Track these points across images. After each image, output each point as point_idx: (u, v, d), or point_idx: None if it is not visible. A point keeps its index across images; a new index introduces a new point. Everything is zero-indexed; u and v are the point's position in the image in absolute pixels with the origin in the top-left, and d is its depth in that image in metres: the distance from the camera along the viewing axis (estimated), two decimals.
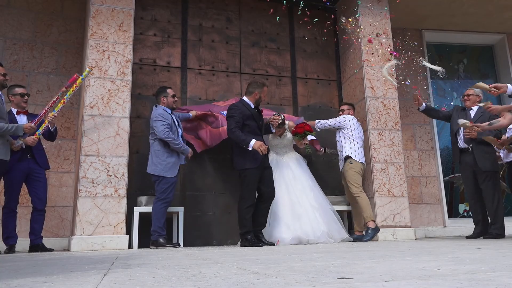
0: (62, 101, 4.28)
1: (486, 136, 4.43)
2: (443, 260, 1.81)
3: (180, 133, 4.45)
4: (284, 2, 4.87)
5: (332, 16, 5.89)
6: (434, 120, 6.69)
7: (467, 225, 5.89)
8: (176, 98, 4.56)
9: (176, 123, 4.43)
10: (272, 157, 4.83)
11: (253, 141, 4.12)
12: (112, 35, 4.66)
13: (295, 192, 4.63)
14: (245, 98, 4.41)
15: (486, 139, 4.43)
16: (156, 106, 4.44)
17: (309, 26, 5.62)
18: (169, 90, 4.49)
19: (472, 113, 4.80)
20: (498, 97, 6.89)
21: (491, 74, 7.37)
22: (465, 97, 4.96)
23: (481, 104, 4.35)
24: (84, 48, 4.74)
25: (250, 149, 4.12)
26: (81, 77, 4.31)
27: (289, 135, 4.94)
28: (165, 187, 4.22)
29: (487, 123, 4.24)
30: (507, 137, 4.62)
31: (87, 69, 4.32)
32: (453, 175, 6.65)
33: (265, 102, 5.23)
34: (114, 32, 4.68)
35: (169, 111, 4.40)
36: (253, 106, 4.35)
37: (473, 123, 4.47)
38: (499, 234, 4.45)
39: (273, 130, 4.68)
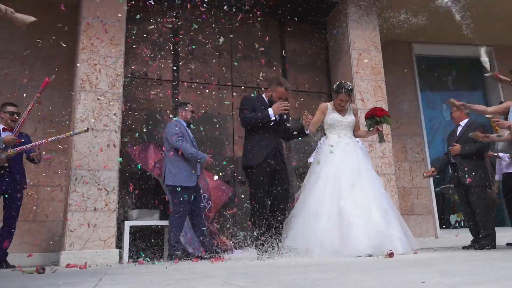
0: (59, 136, 4.19)
1: (472, 133, 4.35)
2: (430, 273, 1.82)
3: (194, 146, 4.48)
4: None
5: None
6: (425, 132, 6.77)
7: (460, 236, 5.93)
8: (194, 114, 4.66)
9: (191, 136, 4.47)
10: (334, 141, 4.06)
11: (269, 109, 3.82)
12: (103, 48, 4.68)
13: (361, 187, 3.77)
14: (263, 94, 4.12)
15: (473, 135, 4.32)
16: (172, 118, 4.53)
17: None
18: (189, 106, 4.58)
19: (459, 128, 4.87)
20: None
21: (479, 86, 7.47)
22: (451, 116, 5.01)
23: (489, 116, 4.28)
24: (75, 62, 4.74)
25: (272, 118, 3.79)
26: (72, 132, 4.18)
27: (351, 115, 4.19)
28: (180, 199, 4.14)
29: (495, 134, 4.23)
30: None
31: (83, 129, 4.12)
32: (444, 186, 6.70)
33: None
34: (105, 45, 4.69)
35: (184, 124, 4.46)
36: (268, 103, 4.00)
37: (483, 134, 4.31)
38: (490, 245, 4.47)
39: (307, 131, 4.09)
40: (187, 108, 4.53)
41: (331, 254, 3.38)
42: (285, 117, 4.09)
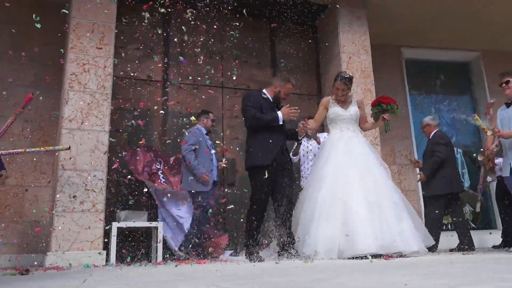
0: (39, 148, 4.11)
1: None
2: (414, 275, 1.84)
3: (213, 154, 4.76)
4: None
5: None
6: (413, 135, 6.82)
7: (448, 239, 5.98)
8: (214, 124, 4.94)
9: (208, 142, 4.74)
10: (336, 136, 3.95)
11: (279, 112, 3.74)
12: (92, 48, 4.65)
13: (373, 185, 3.60)
14: (264, 90, 3.99)
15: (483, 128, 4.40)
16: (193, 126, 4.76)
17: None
18: (211, 114, 4.89)
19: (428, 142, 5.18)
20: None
21: (467, 90, 7.57)
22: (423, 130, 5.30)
23: (489, 133, 4.30)
24: (64, 61, 4.70)
25: (281, 122, 3.74)
26: (53, 148, 4.12)
27: (354, 107, 4.02)
28: (205, 202, 4.44)
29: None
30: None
31: (65, 146, 4.04)
32: None
33: None
34: (95, 45, 4.66)
35: (204, 132, 4.75)
36: (271, 100, 3.90)
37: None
38: (468, 248, 4.63)
39: (300, 138, 4.09)
40: (208, 117, 4.84)
41: (336, 255, 3.28)
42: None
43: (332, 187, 3.58)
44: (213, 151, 4.79)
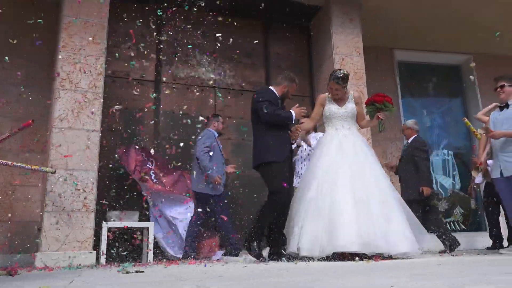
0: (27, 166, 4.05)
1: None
2: (401, 277, 1.85)
3: (223, 159, 4.83)
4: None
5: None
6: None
7: (435, 241, 6.04)
8: (224, 126, 5.04)
9: (220, 146, 4.82)
10: (330, 135, 3.91)
11: (292, 111, 3.77)
12: (84, 47, 4.62)
13: (363, 183, 3.53)
14: (272, 87, 3.97)
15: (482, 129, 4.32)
16: (205, 129, 4.83)
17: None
18: (220, 118, 4.98)
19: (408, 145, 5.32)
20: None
21: (458, 93, 7.62)
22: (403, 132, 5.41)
23: (480, 131, 4.27)
24: (55, 60, 4.67)
25: (292, 122, 3.79)
26: (39, 168, 4.04)
27: (351, 104, 3.97)
28: (222, 204, 4.57)
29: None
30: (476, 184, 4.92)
31: (51, 170, 4.02)
32: None
33: (238, 117, 5.25)
34: (87, 44, 4.63)
35: (216, 135, 4.83)
36: (279, 97, 3.89)
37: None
38: (452, 245, 4.73)
39: (292, 142, 4.07)
40: (218, 120, 4.91)
41: (318, 251, 3.26)
42: None
43: (320, 185, 3.56)
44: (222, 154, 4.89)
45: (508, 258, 3.16)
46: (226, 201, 4.74)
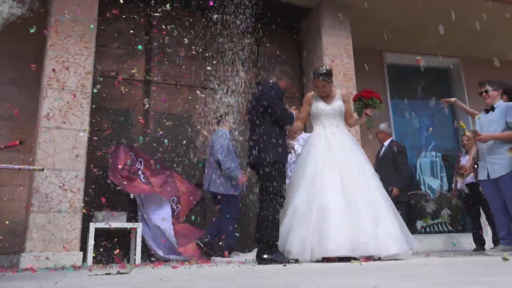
0: None
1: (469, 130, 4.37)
2: (391, 278, 1.85)
3: (237, 158, 4.75)
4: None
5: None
6: (394, 139, 6.90)
7: (426, 242, 6.15)
8: (234, 125, 4.99)
9: (232, 146, 4.73)
10: (317, 132, 3.84)
11: (292, 112, 3.72)
12: (72, 46, 4.58)
13: (352, 184, 3.48)
14: (276, 81, 3.73)
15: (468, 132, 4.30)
16: (217, 129, 4.78)
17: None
18: (231, 117, 4.94)
19: (383, 148, 5.61)
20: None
21: (447, 95, 7.69)
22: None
23: (468, 134, 4.26)
24: (43, 59, 4.62)
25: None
26: (27, 167, 4.00)
27: (338, 102, 3.90)
28: (232, 206, 4.50)
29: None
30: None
31: (39, 167, 3.96)
32: (411, 192, 6.85)
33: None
34: (75, 43, 4.59)
35: (229, 135, 4.77)
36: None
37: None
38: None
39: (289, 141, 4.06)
40: (228, 118, 4.85)
41: (309, 255, 3.22)
42: None
43: (309, 188, 3.51)
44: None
45: (493, 259, 3.19)
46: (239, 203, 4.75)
